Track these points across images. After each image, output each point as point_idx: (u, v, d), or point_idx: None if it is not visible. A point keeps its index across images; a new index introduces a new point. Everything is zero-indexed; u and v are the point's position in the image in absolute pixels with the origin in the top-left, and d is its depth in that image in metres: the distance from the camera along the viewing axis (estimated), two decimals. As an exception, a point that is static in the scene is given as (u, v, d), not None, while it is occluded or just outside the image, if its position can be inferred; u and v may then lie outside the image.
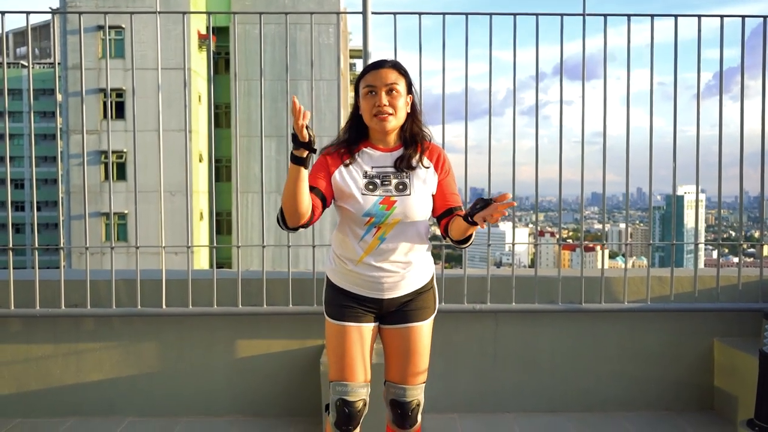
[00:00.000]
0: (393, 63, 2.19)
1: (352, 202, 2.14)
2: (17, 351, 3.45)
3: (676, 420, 3.44)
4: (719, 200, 3.59)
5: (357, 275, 2.19)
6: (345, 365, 2.18)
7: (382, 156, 2.20)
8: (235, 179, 3.89)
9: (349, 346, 2.18)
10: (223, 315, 3.42)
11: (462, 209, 2.26)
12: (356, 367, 2.18)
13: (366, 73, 2.19)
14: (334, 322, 2.21)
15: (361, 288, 2.20)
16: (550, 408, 3.54)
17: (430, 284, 2.30)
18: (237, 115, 4.54)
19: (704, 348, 3.56)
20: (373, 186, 2.15)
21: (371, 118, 2.15)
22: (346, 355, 2.18)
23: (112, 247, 3.46)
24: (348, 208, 2.15)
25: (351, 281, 2.21)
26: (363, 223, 2.14)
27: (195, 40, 24.30)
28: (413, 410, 2.27)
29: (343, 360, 2.18)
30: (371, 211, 2.12)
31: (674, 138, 3.47)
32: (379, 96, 2.13)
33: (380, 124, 2.14)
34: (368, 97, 2.16)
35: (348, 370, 2.18)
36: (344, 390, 2.18)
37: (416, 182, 2.18)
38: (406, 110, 2.20)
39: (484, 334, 3.53)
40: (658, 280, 3.58)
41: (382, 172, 2.17)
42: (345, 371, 2.18)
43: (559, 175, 3.47)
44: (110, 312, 3.38)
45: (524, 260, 76.12)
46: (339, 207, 2.20)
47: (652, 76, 3.51)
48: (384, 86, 2.14)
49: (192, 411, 3.48)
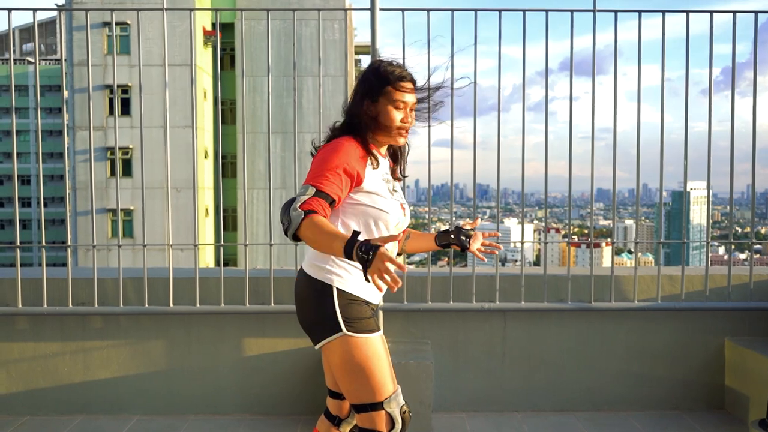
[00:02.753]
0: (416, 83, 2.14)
1: (389, 207, 2.06)
2: (25, 349, 3.45)
3: (686, 419, 3.41)
4: (731, 197, 3.55)
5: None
6: (392, 374, 2.09)
7: (384, 161, 2.17)
8: (242, 176, 3.87)
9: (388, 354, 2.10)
10: (230, 314, 3.41)
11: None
12: None
13: (401, 81, 2.09)
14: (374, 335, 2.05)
15: (375, 295, 2.13)
16: (558, 407, 3.52)
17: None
18: (243, 111, 4.51)
19: (715, 347, 3.53)
20: (391, 191, 2.12)
21: (393, 130, 2.09)
22: (389, 364, 2.09)
23: (119, 246, 3.45)
24: (386, 211, 2.05)
25: (370, 288, 2.08)
26: (393, 225, 2.08)
27: (201, 37, 24.29)
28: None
29: (389, 369, 2.07)
30: (399, 216, 2.11)
31: (686, 134, 3.44)
32: (406, 113, 2.10)
33: (398, 139, 2.12)
34: (397, 110, 2.09)
35: (395, 377, 2.11)
36: (401, 396, 2.10)
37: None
38: None
39: (492, 332, 3.51)
40: (668, 278, 3.55)
41: (387, 178, 2.15)
42: (394, 379, 2.09)
43: (569, 172, 3.44)
44: (117, 310, 3.38)
45: (528, 256, 76.06)
46: (369, 210, 2.05)
47: (663, 72, 3.47)
48: (412, 104, 2.11)
49: (199, 409, 3.48)
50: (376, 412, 2.04)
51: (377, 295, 2.15)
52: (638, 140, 3.50)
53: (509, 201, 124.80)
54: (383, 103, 2.09)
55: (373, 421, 2.03)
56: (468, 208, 20.47)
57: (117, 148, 3.72)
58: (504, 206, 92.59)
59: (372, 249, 1.67)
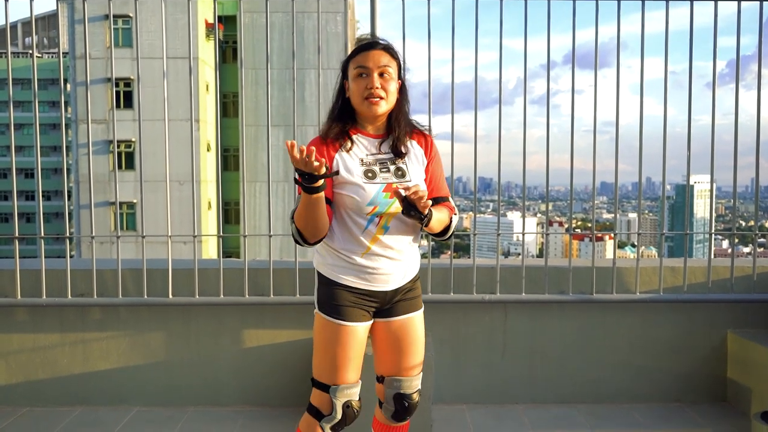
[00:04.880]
0: (385, 45, 2.10)
1: (356, 190, 2.03)
2: (24, 340, 3.45)
3: (688, 412, 3.40)
4: (734, 190, 3.52)
5: (362, 268, 2.08)
6: (353, 367, 2.11)
7: (374, 142, 2.12)
8: (241, 168, 3.85)
9: (356, 346, 2.10)
10: (229, 305, 3.40)
11: (450, 200, 2.21)
12: (359, 367, 2.14)
13: (357, 54, 2.09)
14: (339, 322, 2.09)
15: (366, 282, 2.10)
16: (559, 399, 3.50)
17: (418, 272, 2.27)
18: (243, 104, 4.49)
19: (717, 339, 3.51)
20: (372, 174, 2.06)
21: (362, 102, 2.06)
22: (354, 356, 2.10)
23: (117, 237, 3.45)
24: (352, 196, 2.03)
25: (355, 275, 2.09)
26: (366, 212, 2.04)
27: (203, 29, 24.24)
28: (417, 401, 2.24)
29: (351, 361, 2.10)
30: (375, 200, 2.03)
31: (689, 127, 3.41)
32: (371, 78, 2.04)
33: (371, 107, 2.06)
34: (359, 80, 2.06)
35: (356, 371, 2.12)
36: (352, 392, 2.12)
37: (412, 168, 2.12)
38: (397, 95, 2.12)
39: (493, 324, 3.49)
40: (671, 270, 3.53)
41: (378, 158, 2.10)
42: (352, 372, 2.11)
43: (570, 165, 3.41)
44: (116, 301, 3.37)
45: (532, 250, 76.02)
46: (338, 196, 2.07)
47: (666, 64, 3.44)
48: (376, 68, 2.05)
49: (198, 400, 3.47)
50: (318, 390, 2.14)
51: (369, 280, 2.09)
52: (641, 133, 3.46)
53: (512, 194, 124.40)
54: (350, 81, 2.10)
55: (313, 396, 2.16)
56: (471, 201, 20.77)
57: (115, 141, 3.71)
58: (507, 199, 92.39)
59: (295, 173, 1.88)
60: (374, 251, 2.08)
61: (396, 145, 2.11)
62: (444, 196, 2.20)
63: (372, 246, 2.07)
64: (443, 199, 2.19)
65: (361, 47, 2.10)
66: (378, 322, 2.18)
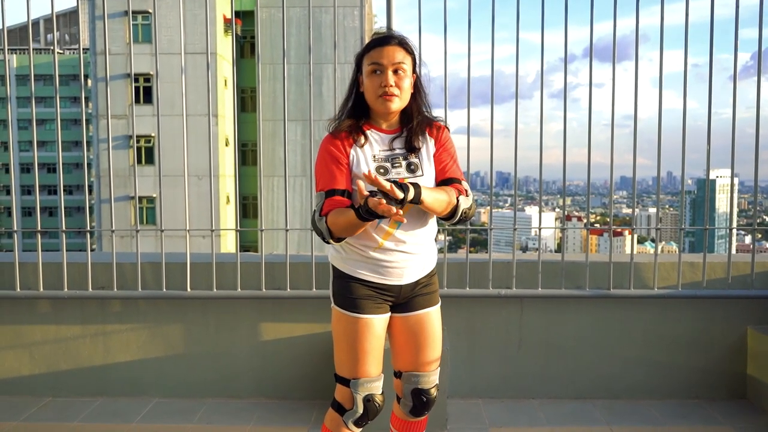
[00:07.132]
0: (400, 40, 2.07)
1: (368, 187, 1.98)
2: (47, 332, 3.51)
3: (707, 409, 3.37)
4: (755, 184, 3.47)
5: (376, 262, 2.09)
6: (372, 360, 2.11)
7: (386, 138, 2.11)
8: (259, 163, 3.88)
9: (373, 339, 2.10)
10: (246, 298, 3.43)
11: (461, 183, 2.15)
12: (380, 360, 2.14)
13: (371, 49, 2.07)
14: (354, 314, 2.09)
15: (380, 276, 2.10)
16: (575, 394, 3.49)
17: (435, 267, 2.27)
18: (260, 98, 4.51)
19: (737, 336, 3.47)
20: (384, 170, 2.05)
21: (376, 99, 2.06)
22: (373, 349, 2.10)
23: (137, 231, 3.49)
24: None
25: (370, 269, 2.10)
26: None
27: (221, 25, 24.34)
28: (435, 396, 2.25)
29: (369, 354, 2.10)
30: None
31: (708, 120, 3.36)
32: (385, 76, 2.03)
33: (385, 104, 2.05)
34: (373, 76, 2.05)
35: (376, 364, 2.12)
36: (373, 386, 2.13)
37: (425, 162, 2.11)
38: (411, 90, 2.11)
39: (509, 319, 3.49)
40: (690, 265, 3.49)
41: (390, 154, 2.09)
42: (372, 366, 2.11)
43: (587, 159, 3.39)
44: (136, 294, 3.42)
45: (550, 245, 75.46)
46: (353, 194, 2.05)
47: (686, 56, 3.39)
48: (391, 65, 2.03)
49: (216, 392, 3.52)
50: (341, 385, 2.15)
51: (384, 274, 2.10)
52: (659, 127, 3.43)
53: (531, 189, 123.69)
54: (364, 77, 2.09)
55: (337, 392, 2.17)
56: (488, 196, 20.63)
57: (134, 136, 3.75)
58: (525, 194, 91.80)
59: (365, 205, 1.84)
60: (387, 246, 2.08)
61: (410, 140, 2.11)
62: (454, 177, 2.15)
63: (385, 241, 2.07)
64: (454, 180, 2.13)
65: (375, 42, 2.09)
66: (395, 317, 2.18)
